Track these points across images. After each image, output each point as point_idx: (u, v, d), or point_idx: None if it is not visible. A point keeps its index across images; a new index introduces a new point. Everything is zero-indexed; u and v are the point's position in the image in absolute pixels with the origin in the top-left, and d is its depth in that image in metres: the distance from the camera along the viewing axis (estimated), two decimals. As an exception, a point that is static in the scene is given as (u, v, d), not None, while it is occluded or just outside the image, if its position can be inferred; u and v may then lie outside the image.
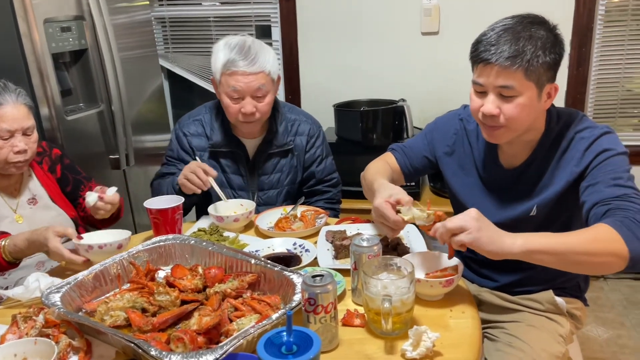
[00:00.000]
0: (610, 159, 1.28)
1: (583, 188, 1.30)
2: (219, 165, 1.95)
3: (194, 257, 1.42)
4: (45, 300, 1.16)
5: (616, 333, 2.61)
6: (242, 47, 1.78)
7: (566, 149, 1.36)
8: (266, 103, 1.83)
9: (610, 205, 1.21)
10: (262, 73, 1.78)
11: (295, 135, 1.99)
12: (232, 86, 1.78)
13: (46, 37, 2.16)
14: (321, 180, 2.06)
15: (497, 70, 1.25)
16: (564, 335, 1.46)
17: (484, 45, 1.27)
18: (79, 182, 1.88)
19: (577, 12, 2.81)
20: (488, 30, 1.30)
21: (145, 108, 2.84)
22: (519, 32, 1.25)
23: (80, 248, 1.45)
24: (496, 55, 1.24)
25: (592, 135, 1.33)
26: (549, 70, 1.27)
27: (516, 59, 1.23)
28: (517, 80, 1.25)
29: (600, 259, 1.15)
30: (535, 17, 1.30)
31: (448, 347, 1.10)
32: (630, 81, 2.97)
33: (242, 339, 1.01)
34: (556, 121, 1.39)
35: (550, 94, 1.32)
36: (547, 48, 1.25)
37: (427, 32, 2.99)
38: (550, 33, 1.28)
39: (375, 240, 1.25)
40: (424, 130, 1.68)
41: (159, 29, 3.37)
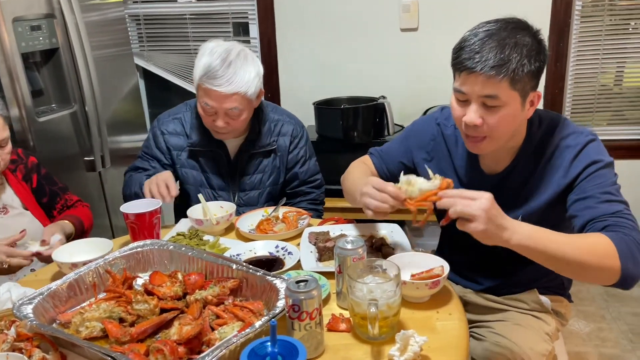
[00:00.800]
0: (599, 171, 1.26)
1: (571, 201, 1.28)
2: (199, 165, 1.92)
3: (173, 263, 1.38)
4: (17, 312, 1.11)
5: (597, 326, 2.63)
6: (223, 61, 1.69)
7: (551, 157, 1.33)
8: (240, 121, 1.78)
9: (607, 222, 1.19)
10: (236, 95, 1.70)
11: (279, 135, 1.95)
12: (205, 101, 1.73)
13: (15, 37, 2.10)
14: (305, 181, 2.03)
15: (481, 80, 1.20)
16: (549, 333, 1.46)
17: (467, 53, 1.21)
18: (55, 194, 1.83)
19: (554, 8, 2.82)
20: (470, 35, 1.24)
21: (120, 108, 2.77)
22: (504, 38, 1.19)
23: (63, 267, 1.40)
24: (481, 63, 1.18)
25: (578, 143, 1.30)
26: (534, 78, 1.23)
27: (502, 68, 1.17)
28: (502, 90, 1.20)
29: (591, 271, 1.14)
30: (519, 22, 1.26)
31: (435, 351, 1.08)
32: (605, 76, 3.00)
33: (225, 349, 0.97)
34: (538, 126, 1.36)
35: (534, 102, 1.28)
36: (532, 56, 1.20)
37: (406, 29, 2.98)
38: (534, 39, 1.23)
39: (360, 243, 1.22)
40: (401, 135, 1.63)
41: (134, 27, 3.30)
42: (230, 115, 1.75)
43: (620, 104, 3.04)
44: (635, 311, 2.73)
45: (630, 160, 2.94)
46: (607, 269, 1.13)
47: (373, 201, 1.28)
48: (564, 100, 3.00)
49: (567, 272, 1.19)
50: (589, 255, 1.13)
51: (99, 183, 2.59)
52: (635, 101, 3.02)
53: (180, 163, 1.92)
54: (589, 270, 1.14)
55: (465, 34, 1.26)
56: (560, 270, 1.18)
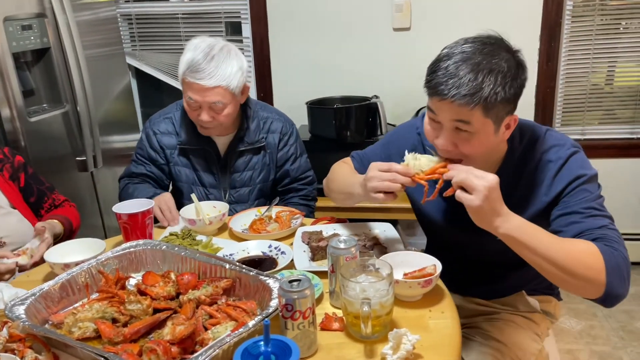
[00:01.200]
0: (583, 186, 1.23)
1: (555, 216, 1.25)
2: (190, 163, 1.93)
3: (166, 263, 1.37)
4: (9, 313, 1.10)
5: (588, 324, 2.65)
6: (206, 55, 1.72)
7: (534, 172, 1.30)
8: (224, 115, 1.79)
9: (594, 235, 1.16)
10: (219, 88, 1.72)
11: (268, 132, 1.96)
12: (189, 96, 1.75)
13: (6, 36, 2.08)
14: (296, 178, 2.03)
15: (453, 107, 1.16)
16: (539, 333, 1.47)
17: (439, 77, 1.16)
18: (43, 194, 1.82)
19: (545, 7, 2.84)
20: (444, 56, 1.18)
21: (112, 108, 2.76)
22: (478, 64, 1.14)
23: (55, 267, 1.40)
24: (453, 90, 1.13)
25: (559, 157, 1.27)
26: (509, 104, 1.19)
27: (474, 97, 1.13)
28: (475, 117, 1.16)
29: (575, 279, 1.12)
30: (496, 43, 1.19)
31: (428, 349, 1.09)
32: (596, 75, 3.02)
33: (218, 349, 0.97)
34: (519, 140, 1.32)
35: (510, 125, 1.24)
36: (508, 82, 1.15)
37: (398, 28, 2.99)
38: (512, 61, 1.18)
39: (353, 242, 1.23)
40: (383, 141, 1.61)
41: (126, 26, 3.28)
42: (214, 109, 1.76)
43: (611, 103, 3.07)
44: (626, 309, 2.75)
45: (620, 159, 2.96)
46: (591, 281, 1.11)
47: (382, 183, 1.26)
48: (555, 100, 3.01)
49: (551, 274, 1.15)
50: (576, 261, 1.11)
51: (91, 183, 2.58)
52: (626, 100, 3.04)
53: (174, 161, 1.94)
54: (574, 277, 1.11)
55: (441, 52, 1.21)
56: (543, 271, 1.15)
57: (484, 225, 1.14)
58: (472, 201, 1.11)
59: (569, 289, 1.17)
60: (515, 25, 2.84)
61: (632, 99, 3.02)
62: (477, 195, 1.10)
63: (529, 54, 3.05)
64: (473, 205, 1.11)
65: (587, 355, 2.43)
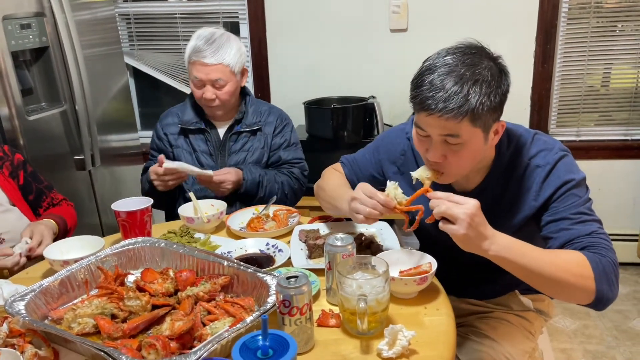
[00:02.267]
0: (571, 191, 1.24)
1: (545, 222, 1.27)
2: (190, 145, 2.06)
3: (164, 260, 1.39)
4: (9, 309, 1.11)
5: (583, 323, 2.67)
6: (208, 39, 1.93)
7: (522, 178, 1.30)
8: (225, 92, 1.96)
9: (583, 243, 1.19)
10: (220, 65, 1.92)
11: (266, 120, 2.10)
12: (194, 75, 1.95)
13: (5, 35, 2.09)
14: (288, 162, 2.13)
15: (441, 121, 1.16)
16: (532, 331, 1.49)
17: (424, 92, 1.16)
18: (41, 192, 1.84)
19: (541, 9, 2.86)
20: (427, 71, 1.18)
21: (110, 107, 2.77)
22: (461, 75, 1.14)
23: (55, 264, 1.41)
24: (440, 103, 1.14)
25: (547, 162, 1.28)
26: (495, 111, 1.19)
27: (461, 109, 1.13)
28: (463, 129, 1.16)
29: (566, 289, 1.15)
30: (477, 52, 1.20)
31: (423, 345, 1.11)
32: (592, 77, 3.05)
33: (217, 344, 0.99)
34: (507, 146, 1.33)
35: (498, 131, 1.25)
36: (493, 90, 1.16)
37: (395, 29, 3.01)
38: (495, 68, 1.18)
39: (350, 240, 1.24)
40: (372, 145, 1.62)
41: (124, 26, 3.29)
42: (216, 86, 1.95)
43: (606, 105, 3.09)
44: (619, 308, 2.77)
45: (615, 160, 2.99)
46: (582, 289, 1.14)
47: (364, 208, 1.28)
48: (551, 101, 3.04)
49: (543, 287, 1.18)
50: (565, 273, 1.13)
51: (89, 182, 2.59)
52: (621, 102, 3.06)
53: (175, 144, 2.08)
54: (565, 287, 1.15)
55: (423, 65, 1.21)
56: (535, 285, 1.18)
57: (472, 250, 1.14)
58: (456, 231, 1.11)
59: (560, 298, 1.20)
60: (511, 27, 2.87)
61: (627, 101, 3.04)
62: (460, 225, 1.10)
63: (525, 55, 3.10)
64: (458, 234, 1.11)
65: (581, 354, 2.45)
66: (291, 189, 2.08)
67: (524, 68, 2.94)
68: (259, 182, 1.98)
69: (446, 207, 1.12)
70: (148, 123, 3.45)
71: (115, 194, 2.70)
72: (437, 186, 1.39)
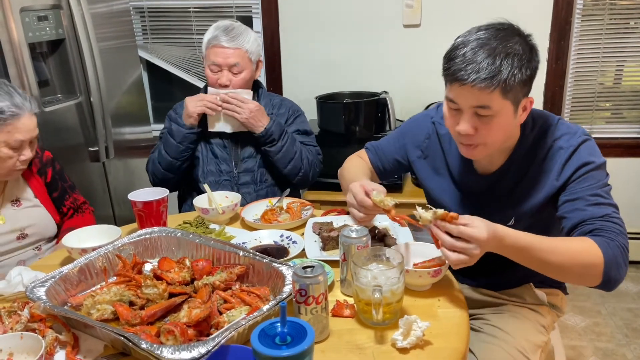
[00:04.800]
0: (590, 173, 1.27)
1: (561, 201, 1.29)
2: (204, 137, 2.07)
3: (180, 249, 1.40)
4: (30, 294, 1.14)
5: (593, 321, 2.67)
6: (226, 27, 1.99)
7: (544, 159, 1.33)
8: (240, 79, 2.00)
9: (595, 225, 1.21)
10: (239, 50, 1.97)
11: (278, 111, 2.12)
12: (212, 60, 1.98)
13: (22, 27, 2.11)
14: (303, 142, 2.13)
15: (473, 92, 1.19)
16: (545, 325, 1.49)
17: (457, 64, 1.20)
18: (65, 191, 1.86)
19: (555, 6, 2.85)
20: (460, 44, 1.22)
21: (124, 100, 2.79)
22: (494, 48, 1.18)
23: (73, 252, 1.43)
24: (473, 75, 1.17)
25: (570, 145, 1.30)
26: (525, 86, 1.23)
27: (493, 80, 1.17)
28: (494, 101, 1.20)
29: (574, 274, 1.20)
30: (510, 28, 1.24)
31: (437, 337, 1.12)
32: (605, 74, 3.03)
33: (234, 331, 1.00)
34: (531, 128, 1.36)
35: (526, 107, 1.28)
36: (524, 64, 1.20)
37: (409, 25, 3.01)
38: (525, 45, 1.22)
39: (364, 232, 1.25)
40: (397, 131, 1.65)
41: (138, 19, 3.31)
42: (233, 72, 1.99)
43: (619, 103, 3.08)
44: (630, 307, 2.77)
45: (628, 159, 2.97)
46: (590, 273, 1.18)
47: (357, 213, 1.40)
48: (564, 99, 3.03)
49: (551, 274, 1.22)
50: (573, 259, 1.17)
51: (103, 173, 2.61)
52: (634, 100, 3.05)
53: None
54: (572, 273, 1.19)
55: (456, 41, 1.25)
56: (544, 272, 1.22)
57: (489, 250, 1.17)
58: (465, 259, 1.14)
59: (570, 282, 1.25)
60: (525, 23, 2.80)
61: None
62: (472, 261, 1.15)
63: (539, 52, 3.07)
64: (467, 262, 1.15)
65: (591, 351, 2.45)
66: (307, 159, 2.08)
67: (537, 65, 2.93)
68: (283, 129, 2.00)
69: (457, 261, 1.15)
70: (160, 116, 3.47)
71: (128, 186, 2.73)
72: (463, 166, 1.44)
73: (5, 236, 1.64)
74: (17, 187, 1.72)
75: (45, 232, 1.73)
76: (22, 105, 1.57)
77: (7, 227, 1.64)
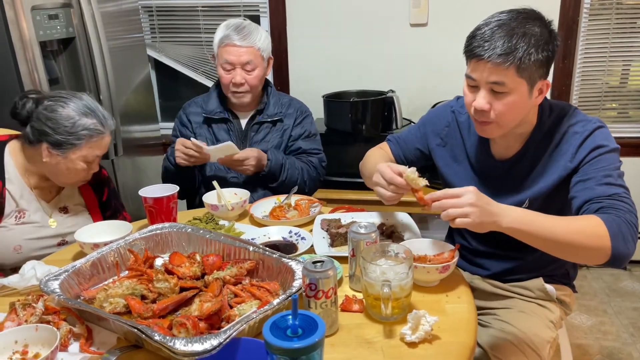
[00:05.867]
0: (603, 155, 1.30)
1: (574, 182, 1.32)
2: (213, 135, 2.09)
3: (191, 245, 1.42)
4: (44, 288, 1.16)
5: (599, 320, 2.67)
6: (237, 26, 2.00)
7: (559, 143, 1.37)
8: (254, 76, 2.01)
9: (602, 204, 1.23)
10: (252, 48, 1.98)
11: (286, 110, 2.13)
12: (225, 59, 1.99)
13: (34, 25, 2.13)
14: (306, 151, 2.15)
15: (489, 67, 1.25)
16: (554, 321, 1.50)
17: (477, 41, 1.27)
18: (117, 210, 1.89)
19: (563, 5, 2.86)
20: (483, 24, 1.30)
21: (133, 98, 2.81)
22: (513, 28, 1.24)
23: (85, 247, 1.45)
24: (489, 51, 1.24)
25: (586, 130, 1.34)
26: (542, 67, 1.27)
27: (508, 57, 1.23)
28: (509, 77, 1.25)
29: (581, 251, 1.19)
30: (531, 12, 1.30)
31: (445, 332, 1.13)
32: (612, 74, 3.03)
33: (245, 324, 1.02)
34: (548, 114, 1.41)
35: (542, 90, 1.32)
36: (540, 45, 1.25)
37: (415, 24, 3.01)
38: (545, 29, 1.27)
39: (373, 228, 1.26)
40: (418, 122, 1.70)
41: (146, 18, 3.33)
42: (247, 69, 2.00)
43: (625, 102, 3.08)
44: (636, 306, 2.77)
45: (634, 158, 2.98)
46: (597, 249, 1.17)
47: (385, 192, 1.35)
48: (571, 98, 3.03)
49: (558, 252, 1.22)
50: (579, 236, 1.17)
51: (112, 170, 2.63)
52: None
53: (198, 133, 2.11)
54: (579, 250, 1.18)
55: (479, 23, 1.31)
56: (551, 251, 1.22)
57: (487, 228, 1.18)
58: (470, 223, 1.15)
59: (579, 260, 1.25)
60: (532, 22, 2.86)
61: (646, 98, 3.03)
62: (472, 216, 1.14)
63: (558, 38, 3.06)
64: (473, 224, 1.15)
65: (596, 350, 2.45)
66: (310, 177, 2.10)
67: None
68: (282, 164, 2.01)
69: (451, 208, 1.16)
70: (168, 115, 3.49)
71: (136, 183, 2.75)
72: (481, 152, 1.48)
73: (49, 240, 1.66)
74: (71, 195, 1.75)
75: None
76: (106, 124, 1.61)
77: (53, 232, 1.67)
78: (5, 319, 1.15)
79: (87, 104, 1.60)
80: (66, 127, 1.54)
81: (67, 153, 1.56)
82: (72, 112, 1.55)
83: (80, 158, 1.58)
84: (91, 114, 1.58)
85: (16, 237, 1.60)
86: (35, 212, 1.65)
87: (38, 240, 1.64)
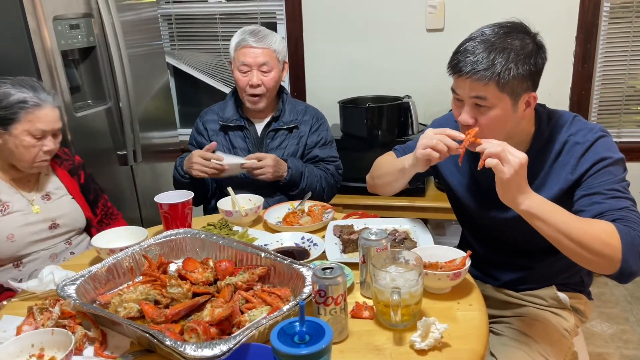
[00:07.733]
0: (607, 168, 1.28)
1: (578, 196, 1.30)
2: (229, 142, 2.11)
3: (204, 250, 1.44)
4: (61, 292, 1.19)
5: (620, 328, 2.62)
6: (253, 30, 2.05)
7: (559, 153, 1.35)
8: (271, 78, 2.04)
9: (614, 216, 1.21)
10: (268, 49, 2.02)
11: (302, 118, 2.15)
12: (242, 61, 2.02)
13: (55, 35, 2.18)
14: (323, 159, 2.16)
15: (469, 83, 1.26)
16: (568, 329, 1.48)
17: (458, 57, 1.27)
18: (98, 194, 1.96)
19: (582, 8, 2.82)
20: (467, 39, 1.30)
21: (152, 105, 2.86)
22: (492, 43, 1.24)
23: (102, 252, 1.49)
24: (468, 66, 1.24)
25: (587, 140, 1.32)
26: (525, 81, 1.26)
27: (486, 72, 1.22)
28: (490, 92, 1.25)
29: (591, 255, 1.16)
30: (513, 26, 1.29)
31: (456, 339, 1.12)
32: (634, 77, 2.98)
33: (255, 330, 1.03)
34: (546, 123, 1.38)
35: (530, 103, 1.30)
36: (520, 60, 1.23)
37: (432, 29, 3.01)
38: (527, 42, 1.26)
39: (384, 234, 1.27)
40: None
41: (165, 27, 3.39)
42: (263, 71, 2.03)
43: (648, 106, 3.02)
44: (659, 314, 2.71)
45: (657, 163, 2.92)
46: (607, 257, 1.15)
47: (430, 141, 1.33)
48: (591, 102, 2.98)
49: (568, 250, 1.19)
50: (593, 239, 1.15)
51: (131, 176, 2.68)
52: (664, 103, 2.99)
53: (214, 140, 2.11)
54: (591, 254, 1.16)
55: (465, 38, 1.31)
56: (561, 247, 1.20)
57: (507, 199, 1.19)
58: (503, 173, 1.15)
59: (585, 265, 1.21)
60: (551, 26, 2.82)
61: (670, 102, 2.97)
62: (508, 168, 1.15)
63: (565, 55, 3.05)
64: (503, 177, 1.16)
65: (617, 358, 2.40)
66: (327, 184, 2.12)
67: (564, 68, 2.90)
68: (302, 172, 2.02)
69: (501, 148, 1.17)
70: (187, 121, 3.54)
71: (155, 189, 2.78)
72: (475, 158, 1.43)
73: (39, 225, 1.73)
74: (49, 182, 1.82)
75: (75, 223, 1.81)
76: (45, 97, 1.67)
77: (40, 217, 1.73)
78: (23, 322, 1.18)
79: (26, 80, 1.67)
80: (2, 103, 1.61)
81: (9, 129, 1.63)
82: (8, 89, 1.62)
83: (24, 133, 1.64)
84: (27, 88, 1.65)
85: (6, 226, 1.66)
86: (17, 202, 1.71)
87: (27, 226, 1.70)
